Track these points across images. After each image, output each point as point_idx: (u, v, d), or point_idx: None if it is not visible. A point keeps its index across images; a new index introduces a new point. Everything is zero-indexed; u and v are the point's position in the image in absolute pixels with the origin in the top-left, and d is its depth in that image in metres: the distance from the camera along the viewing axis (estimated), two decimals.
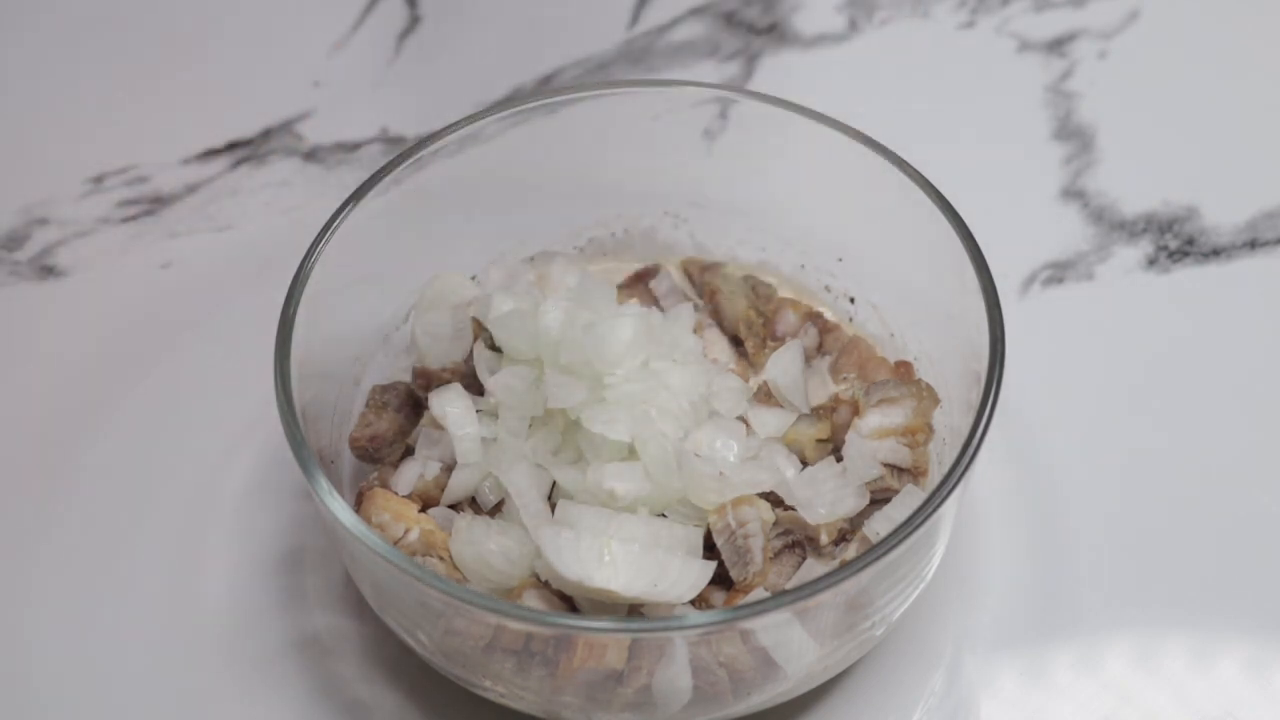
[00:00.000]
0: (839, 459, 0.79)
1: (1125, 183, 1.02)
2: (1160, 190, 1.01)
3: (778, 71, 1.08)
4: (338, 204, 0.81)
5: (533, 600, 0.75)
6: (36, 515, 0.88)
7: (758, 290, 0.89)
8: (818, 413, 0.83)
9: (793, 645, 0.72)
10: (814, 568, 0.77)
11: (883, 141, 0.82)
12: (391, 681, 0.81)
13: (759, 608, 0.68)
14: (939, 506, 0.70)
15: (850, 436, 0.79)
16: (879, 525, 0.77)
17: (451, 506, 0.80)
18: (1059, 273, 0.97)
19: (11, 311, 0.97)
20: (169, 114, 1.08)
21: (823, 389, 0.85)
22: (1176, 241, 0.99)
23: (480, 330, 0.84)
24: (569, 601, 0.75)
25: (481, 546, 0.76)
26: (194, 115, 1.08)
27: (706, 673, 0.72)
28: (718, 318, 0.88)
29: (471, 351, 0.83)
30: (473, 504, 0.80)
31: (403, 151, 0.84)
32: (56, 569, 0.86)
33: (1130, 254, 0.98)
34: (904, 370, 0.85)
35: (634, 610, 0.75)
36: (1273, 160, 1.03)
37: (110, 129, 1.07)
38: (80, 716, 0.81)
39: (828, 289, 0.90)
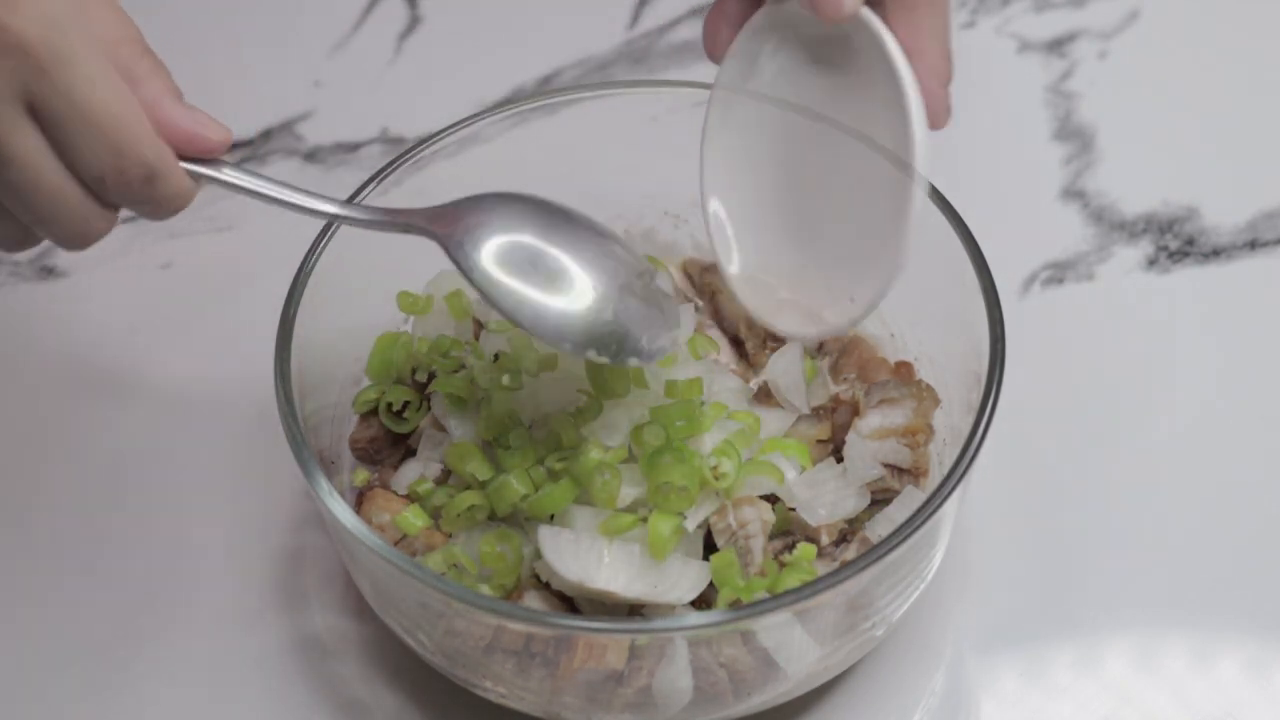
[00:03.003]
0: (839, 459, 0.79)
1: (1125, 183, 1.02)
2: (1160, 190, 1.01)
3: None
4: None
5: (533, 601, 0.75)
6: (36, 515, 0.88)
7: None
8: (818, 413, 0.83)
9: (793, 646, 0.72)
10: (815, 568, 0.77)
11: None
12: (392, 682, 0.81)
13: (759, 608, 0.68)
14: (939, 507, 0.70)
15: (850, 437, 0.79)
16: (879, 526, 0.77)
17: None
18: (1059, 273, 0.97)
19: (11, 311, 0.97)
20: None
21: (823, 389, 0.85)
22: (1177, 242, 0.99)
23: (480, 330, 0.84)
24: (569, 602, 0.75)
25: None
26: None
27: (707, 673, 0.72)
28: (718, 318, 0.88)
29: None
30: None
31: (403, 151, 0.84)
32: (55, 568, 0.86)
33: (1130, 254, 0.98)
34: (904, 371, 0.85)
35: (634, 610, 0.75)
36: (1273, 160, 1.03)
37: None
38: (79, 716, 0.81)
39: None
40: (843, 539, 0.78)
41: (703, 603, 0.75)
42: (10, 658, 0.83)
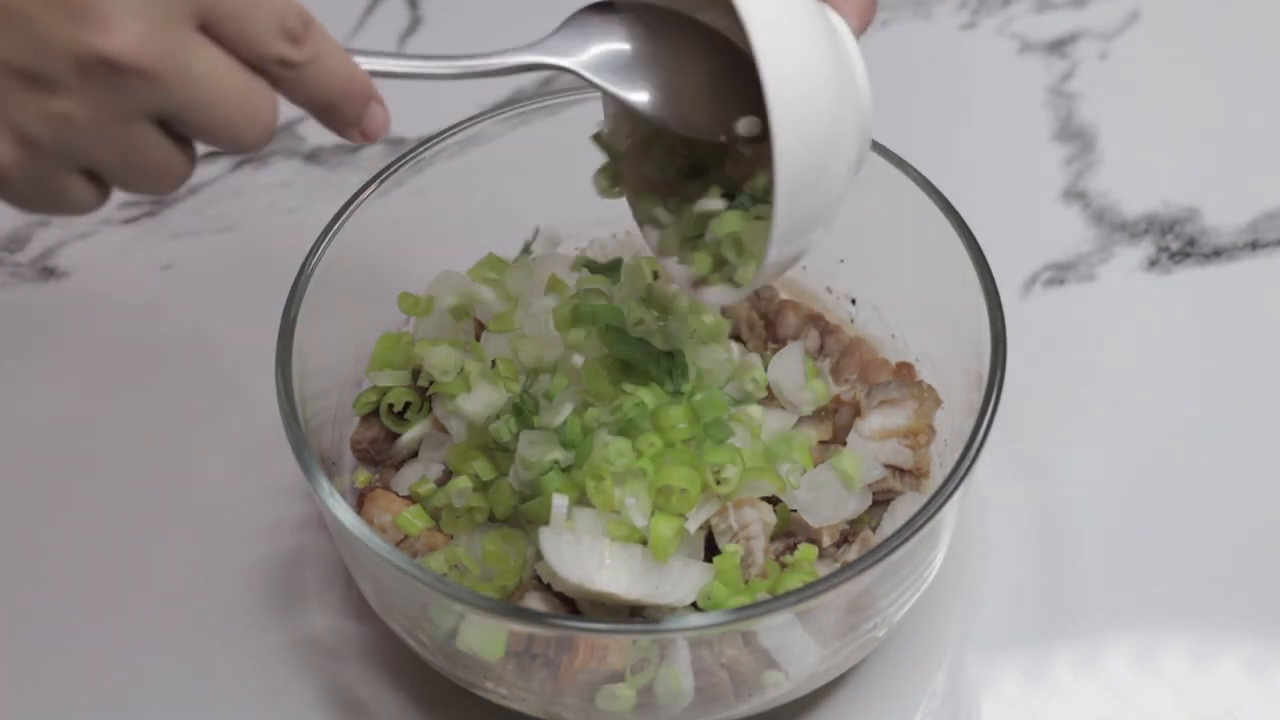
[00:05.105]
0: None
1: (1126, 184, 1.02)
2: (1161, 191, 1.01)
3: None
4: (339, 205, 0.81)
5: (534, 602, 0.75)
6: (36, 516, 0.88)
7: (759, 292, 0.88)
8: (819, 414, 0.83)
9: (794, 647, 0.72)
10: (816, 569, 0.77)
11: (883, 142, 0.82)
12: (393, 683, 0.81)
13: (761, 609, 0.68)
14: (940, 508, 0.70)
15: (852, 438, 0.79)
16: (881, 527, 0.77)
17: None
18: (1060, 274, 0.97)
19: (12, 312, 0.97)
20: None
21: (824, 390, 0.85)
22: (1178, 242, 0.99)
23: (481, 331, 0.84)
24: (570, 603, 0.75)
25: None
26: None
27: (708, 674, 0.72)
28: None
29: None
30: None
31: (403, 152, 0.84)
32: (56, 570, 0.86)
33: (1131, 255, 0.98)
34: (905, 371, 0.85)
35: (635, 612, 0.75)
36: (1273, 160, 1.03)
37: None
38: (81, 716, 0.81)
39: (829, 290, 0.90)
40: (844, 540, 0.78)
41: None
42: (10, 658, 0.83)
